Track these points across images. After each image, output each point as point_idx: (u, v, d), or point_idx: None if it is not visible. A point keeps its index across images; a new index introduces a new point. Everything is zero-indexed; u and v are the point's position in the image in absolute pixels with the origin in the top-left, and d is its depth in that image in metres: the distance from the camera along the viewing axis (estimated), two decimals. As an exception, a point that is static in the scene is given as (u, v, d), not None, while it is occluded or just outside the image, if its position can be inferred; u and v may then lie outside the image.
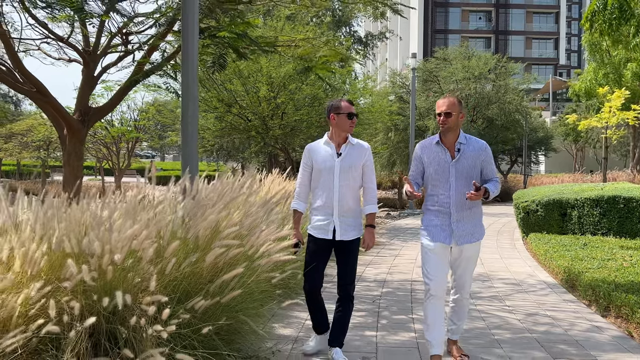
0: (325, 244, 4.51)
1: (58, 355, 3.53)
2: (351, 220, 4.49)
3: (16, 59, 7.66)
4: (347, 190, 4.45)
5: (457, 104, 4.34)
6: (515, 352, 4.87)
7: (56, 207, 4.04)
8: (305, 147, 4.70)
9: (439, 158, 4.38)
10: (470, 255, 4.44)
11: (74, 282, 3.46)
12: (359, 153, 4.52)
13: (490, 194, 4.27)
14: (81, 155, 8.38)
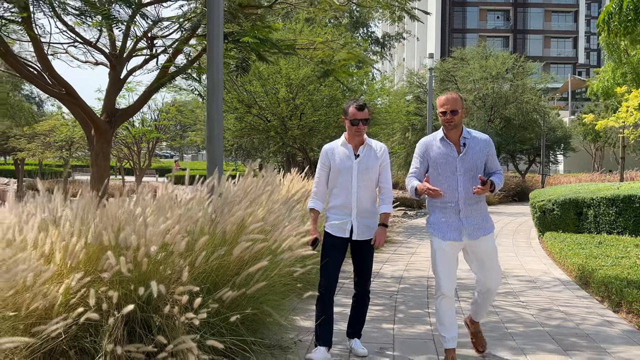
0: (342, 242, 4.56)
1: (96, 340, 3.80)
2: (368, 220, 4.54)
3: (47, 63, 7.97)
4: (365, 190, 4.50)
5: (459, 99, 4.36)
6: (528, 344, 5.06)
7: (91, 204, 4.32)
8: (322, 147, 4.78)
9: (445, 154, 4.36)
10: (489, 248, 4.43)
11: (111, 273, 3.73)
12: (377, 154, 4.55)
13: (496, 186, 4.29)
14: (108, 155, 8.69)
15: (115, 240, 3.84)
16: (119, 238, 3.84)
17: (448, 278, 4.38)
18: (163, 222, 3.92)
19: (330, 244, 4.58)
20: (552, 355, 4.78)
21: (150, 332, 3.86)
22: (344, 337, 4.91)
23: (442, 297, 4.39)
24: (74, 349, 3.81)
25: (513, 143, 29.57)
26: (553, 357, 4.73)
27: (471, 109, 27.49)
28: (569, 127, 41.13)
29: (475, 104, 27.35)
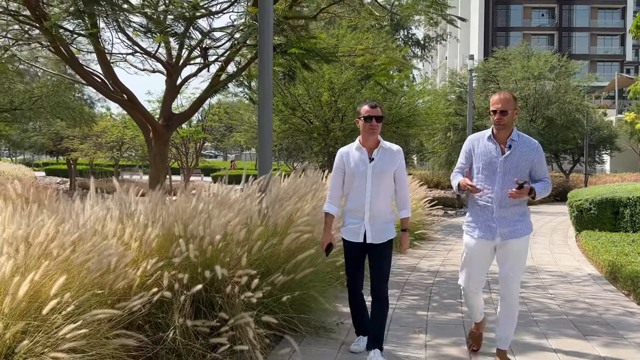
0: (357, 247, 4.57)
1: (167, 316, 4.45)
2: (382, 223, 4.52)
3: (111, 72, 8.71)
4: (378, 194, 4.49)
5: (512, 100, 4.29)
6: (550, 330, 5.52)
7: (161, 200, 4.98)
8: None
9: (489, 153, 4.34)
10: (517, 250, 4.35)
11: (181, 258, 4.38)
12: (391, 157, 4.53)
13: (537, 193, 4.21)
14: (165, 156, 9.42)
15: (184, 231, 4.49)
16: (187, 229, 4.48)
17: (477, 278, 4.47)
18: (224, 216, 4.55)
19: (347, 249, 4.63)
20: (572, 339, 5.23)
21: (213, 309, 4.49)
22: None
23: (468, 292, 4.59)
24: (148, 323, 4.46)
25: (555, 143, 29.46)
26: (572, 341, 5.19)
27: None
28: (615, 127, 40.59)
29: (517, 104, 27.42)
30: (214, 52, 9.34)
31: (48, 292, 3.77)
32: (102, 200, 5.08)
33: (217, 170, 48.12)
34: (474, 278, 4.48)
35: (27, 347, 3.53)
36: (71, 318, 3.72)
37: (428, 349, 4.93)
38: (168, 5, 8.31)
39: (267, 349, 4.50)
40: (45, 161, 63.99)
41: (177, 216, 4.61)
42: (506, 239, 4.33)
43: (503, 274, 4.40)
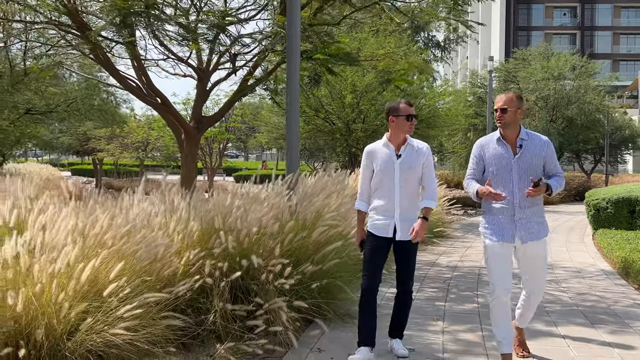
0: (385, 242, 4.57)
1: (207, 302, 4.92)
2: (412, 220, 4.52)
3: (147, 77, 9.24)
4: (407, 190, 4.53)
5: (515, 99, 4.30)
6: (560, 319, 5.91)
7: (200, 197, 5.47)
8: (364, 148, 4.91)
9: (500, 155, 4.32)
10: (538, 253, 4.36)
11: (220, 249, 4.85)
12: (418, 154, 4.56)
13: (553, 189, 4.21)
14: (195, 156, 9.93)
15: (223, 224, 4.96)
16: (226, 222, 4.95)
17: (502, 280, 4.32)
18: (258, 211, 5.01)
19: (372, 244, 4.60)
20: (580, 327, 5.61)
21: (249, 295, 4.96)
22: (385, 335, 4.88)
23: (496, 299, 4.34)
24: (190, 308, 4.94)
25: (576, 143, 29.59)
26: (580, 329, 5.57)
27: (533, 109, 27.76)
28: (638, 126, 40.43)
29: (537, 104, 27.63)
30: (242, 58, 9.83)
31: (106, 277, 4.26)
32: (147, 197, 5.58)
33: (239, 170, 48.83)
34: (500, 280, 4.32)
35: (89, 324, 4.02)
36: (126, 300, 4.20)
37: (445, 334, 5.35)
38: (199, 13, 8.82)
39: (298, 331, 4.95)
40: (70, 161, 65.30)
41: (217, 211, 5.08)
42: (526, 241, 4.30)
43: (528, 278, 4.45)
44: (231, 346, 4.65)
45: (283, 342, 4.73)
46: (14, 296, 3.79)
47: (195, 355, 4.63)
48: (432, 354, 4.77)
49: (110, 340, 4.04)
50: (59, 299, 3.99)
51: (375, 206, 4.64)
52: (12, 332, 3.91)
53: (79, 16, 8.34)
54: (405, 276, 4.64)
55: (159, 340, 4.39)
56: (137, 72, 9.53)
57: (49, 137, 31.45)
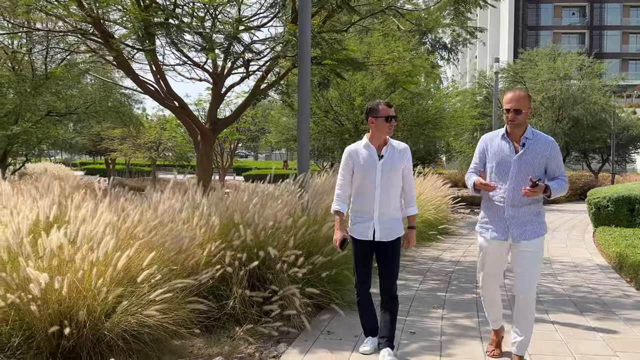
0: (366, 245, 4.60)
1: (227, 289, 5.43)
2: (391, 221, 4.55)
3: (166, 82, 9.75)
4: (387, 192, 4.52)
5: (526, 98, 4.24)
6: (552, 307, 6.38)
7: (219, 195, 5.99)
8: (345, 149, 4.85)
9: (502, 151, 4.30)
10: (530, 252, 4.27)
11: (239, 241, 5.36)
12: (400, 155, 4.56)
13: (552, 192, 4.15)
14: (211, 157, 10.45)
15: (242, 219, 5.47)
16: (244, 217, 5.46)
17: (492, 279, 4.48)
18: (273, 207, 5.52)
19: (355, 251, 4.68)
20: (569, 314, 6.09)
21: (265, 283, 5.47)
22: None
23: (485, 291, 4.62)
24: (211, 294, 5.45)
25: (582, 142, 29.89)
26: (569, 315, 6.04)
27: (539, 110, 28.11)
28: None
29: (544, 105, 27.98)
30: (256, 63, 10.33)
31: (138, 265, 4.78)
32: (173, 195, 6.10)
33: (249, 170, 49.42)
34: (491, 277, 4.48)
35: (124, 307, 4.54)
36: (156, 286, 4.71)
37: (444, 320, 5.83)
38: (214, 21, 9.35)
39: (310, 315, 5.45)
40: (82, 161, 66.15)
41: (235, 207, 5.59)
42: (518, 240, 4.27)
43: (518, 279, 4.31)
44: (249, 328, 5.17)
45: (296, 325, 5.24)
46: (60, 281, 4.31)
47: (217, 336, 5.15)
48: (430, 336, 5.26)
49: (143, 320, 4.55)
50: (97, 284, 4.50)
51: (355, 208, 4.63)
52: (58, 313, 4.43)
53: (102, 25, 8.87)
54: (388, 279, 4.56)
55: (185, 322, 4.90)
56: (155, 76, 10.05)
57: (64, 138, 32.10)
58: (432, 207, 12.10)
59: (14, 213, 4.95)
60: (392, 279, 4.57)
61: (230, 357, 4.70)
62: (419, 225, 11.32)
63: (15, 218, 4.78)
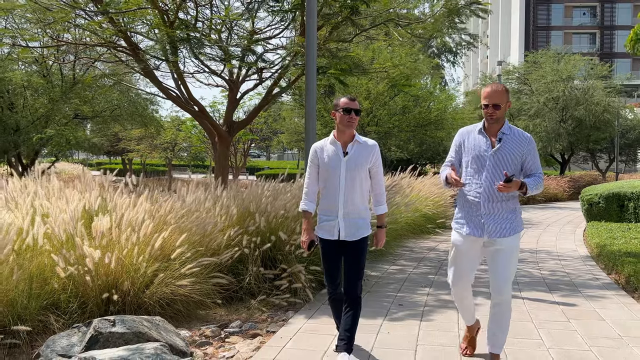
0: (333, 244, 4.46)
1: (243, 268, 6.43)
2: (356, 220, 4.41)
3: (186, 89, 10.77)
4: (353, 189, 4.37)
5: (504, 93, 4.12)
6: (526, 287, 7.30)
7: (236, 189, 6.99)
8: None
9: (478, 146, 4.21)
10: (506, 249, 4.18)
11: (254, 227, 6.35)
12: (367, 152, 4.41)
13: (529, 188, 4.05)
14: (227, 156, 11.46)
15: (256, 209, 6.47)
16: (259, 207, 6.46)
17: (463, 277, 4.35)
18: (284, 199, 6.51)
19: (323, 251, 4.53)
20: (539, 292, 7.02)
21: (275, 262, 6.46)
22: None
23: (455, 288, 4.49)
24: (230, 273, 6.44)
25: (586, 142, 30.60)
26: (539, 293, 6.97)
27: (543, 110, 28.89)
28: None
29: (547, 106, 28.78)
30: (268, 70, 11.33)
31: (171, 245, 5.78)
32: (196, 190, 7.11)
33: (262, 169, 50.52)
34: (463, 276, 4.35)
35: (161, 279, 5.54)
36: (186, 263, 5.71)
37: (429, 296, 6.79)
38: (230, 33, 10.37)
39: (313, 289, 6.44)
40: (98, 161, 67.57)
41: (251, 199, 6.59)
42: (494, 236, 4.17)
43: (493, 276, 4.22)
44: (262, 299, 6.18)
45: (302, 297, 6.23)
46: (109, 257, 5.31)
47: (235, 306, 6.15)
48: (415, 307, 6.22)
49: (176, 290, 5.55)
50: (138, 260, 5.51)
51: (321, 207, 4.52)
52: (106, 283, 5.44)
53: (131, 38, 9.90)
54: (352, 280, 4.39)
55: (209, 294, 5.91)
56: (176, 83, 11.07)
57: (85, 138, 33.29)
58: (431, 203, 13.03)
59: (69, 202, 5.97)
60: (356, 280, 4.39)
61: (246, 322, 5.68)
62: (418, 219, 12.28)
63: (70, 206, 5.79)
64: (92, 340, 3.93)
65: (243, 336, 5.26)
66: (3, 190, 6.83)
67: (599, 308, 6.27)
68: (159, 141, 34.41)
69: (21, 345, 4.78)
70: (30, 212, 5.75)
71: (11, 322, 4.77)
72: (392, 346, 4.92)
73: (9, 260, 5.02)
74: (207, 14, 10.26)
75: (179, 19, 9.33)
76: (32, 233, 5.31)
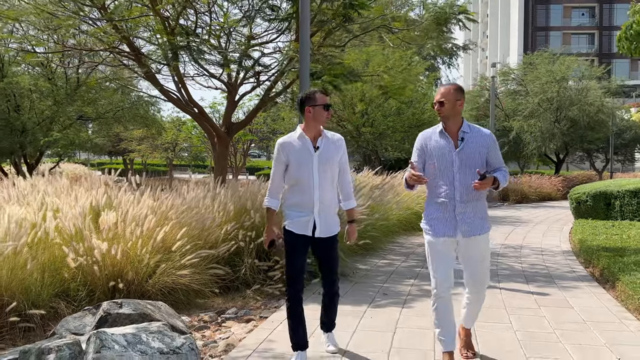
0: (304, 240, 4.38)
1: (239, 260, 6.91)
2: (331, 216, 4.41)
3: (187, 92, 11.26)
4: (326, 184, 4.33)
5: (452, 92, 4.21)
6: (505, 279, 7.78)
7: (234, 188, 7.47)
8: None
9: (442, 148, 4.23)
10: (481, 247, 4.28)
11: (250, 223, 6.84)
12: (336, 146, 4.39)
13: (500, 183, 4.15)
14: (226, 156, 11.95)
15: (252, 205, 6.95)
16: (254, 204, 6.94)
17: (443, 277, 4.28)
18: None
19: (292, 247, 4.40)
20: (517, 283, 7.49)
21: (268, 255, 6.94)
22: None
23: (438, 298, 4.32)
24: (227, 265, 6.92)
25: (581, 143, 31.04)
26: (516, 284, 7.45)
27: (538, 111, 29.35)
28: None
29: (542, 106, 29.24)
30: (265, 74, 11.82)
31: (172, 239, 6.26)
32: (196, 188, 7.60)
33: (261, 170, 51.00)
34: (442, 277, 4.29)
35: (162, 269, 6.02)
36: (186, 254, 6.19)
37: (413, 286, 7.27)
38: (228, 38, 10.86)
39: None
40: (99, 161, 68.10)
41: (247, 196, 7.08)
42: (468, 235, 4.22)
43: (469, 275, 4.32)
44: (257, 289, 6.67)
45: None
46: (116, 249, 5.79)
47: (232, 295, 6.63)
48: (398, 296, 6.71)
49: (177, 280, 6.04)
50: (142, 252, 5.99)
51: (292, 203, 4.40)
52: (112, 273, 5.92)
53: (133, 43, 10.39)
54: (330, 275, 4.47)
55: (207, 284, 6.39)
56: (177, 86, 11.55)
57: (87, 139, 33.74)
58: (422, 201, 13.47)
59: (77, 199, 6.46)
60: (333, 275, 4.48)
61: (241, 309, 6.16)
62: (411, 217, 12.76)
63: (78, 203, 6.28)
64: (101, 321, 4.41)
65: (238, 321, 5.74)
66: (15, 188, 7.33)
67: (570, 297, 6.75)
68: (160, 141, 34.92)
69: (35, 329, 5.25)
70: (42, 208, 6.24)
71: (26, 307, 5.25)
72: (374, 329, 5.41)
73: (23, 252, 5.49)
74: (207, 20, 10.76)
75: (179, 25, 9.82)
76: (44, 227, 5.79)
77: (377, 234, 9.84)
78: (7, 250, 5.27)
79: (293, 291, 4.36)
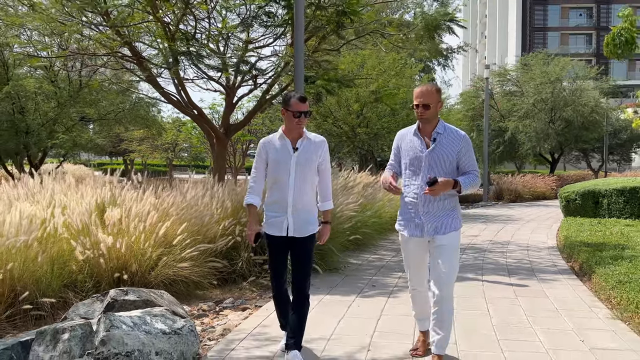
0: (280, 241, 4.40)
1: (236, 254, 7.34)
2: (306, 216, 4.38)
3: (187, 94, 11.68)
4: (302, 185, 4.34)
5: (435, 93, 4.19)
6: (488, 272, 8.20)
7: (231, 187, 7.89)
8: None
9: (414, 147, 4.28)
10: (445, 247, 4.22)
11: (246, 218, 7.26)
12: (316, 147, 4.39)
13: (462, 187, 4.13)
14: (225, 156, 12.38)
15: (247, 202, 7.38)
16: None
17: (417, 274, 4.45)
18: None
19: (270, 244, 4.48)
20: (499, 276, 7.92)
21: (264, 249, 7.36)
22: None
23: (413, 290, 4.56)
24: (225, 259, 7.35)
25: (576, 143, 31.44)
26: (498, 277, 7.87)
27: (532, 111, 29.78)
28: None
29: (537, 107, 29.67)
30: (262, 77, 12.24)
31: (173, 233, 6.68)
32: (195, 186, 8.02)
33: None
34: (414, 275, 4.47)
35: (164, 262, 6.45)
36: (186, 248, 6.61)
37: (401, 279, 7.69)
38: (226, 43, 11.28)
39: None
40: (100, 162, 68.53)
41: (244, 194, 7.49)
42: (433, 235, 4.25)
43: (434, 275, 4.27)
44: (252, 281, 7.10)
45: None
46: (120, 243, 6.22)
47: (229, 287, 7.06)
48: (386, 287, 7.13)
49: (177, 272, 6.46)
50: (145, 246, 6.41)
51: (270, 201, 4.44)
52: (117, 265, 6.34)
53: (135, 48, 10.81)
54: (301, 276, 4.38)
55: (206, 276, 6.81)
56: (177, 89, 11.98)
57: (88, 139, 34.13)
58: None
59: (84, 196, 6.89)
60: (305, 277, 4.39)
61: (238, 299, 6.58)
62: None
63: (85, 200, 6.70)
64: (109, 306, 4.83)
65: (235, 310, 6.17)
66: (24, 186, 7.76)
67: (547, 288, 7.17)
68: (160, 142, 35.35)
69: (45, 317, 5.67)
70: (51, 205, 6.66)
71: (38, 297, 5.67)
72: (360, 316, 5.84)
73: (34, 246, 5.91)
74: (206, 26, 11.19)
75: (179, 30, 10.25)
76: (53, 223, 6.21)
77: (369, 231, 10.26)
78: (19, 244, 5.69)
79: (277, 284, 4.56)
